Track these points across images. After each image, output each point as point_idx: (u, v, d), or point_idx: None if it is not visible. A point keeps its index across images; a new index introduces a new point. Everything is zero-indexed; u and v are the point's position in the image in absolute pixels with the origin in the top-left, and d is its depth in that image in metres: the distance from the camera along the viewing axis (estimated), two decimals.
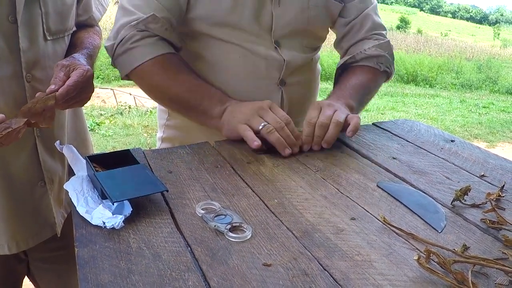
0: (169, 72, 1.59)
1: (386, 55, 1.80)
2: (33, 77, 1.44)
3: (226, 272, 0.91)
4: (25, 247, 1.58)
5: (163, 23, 1.59)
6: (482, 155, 1.54)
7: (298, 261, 0.94)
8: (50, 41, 1.50)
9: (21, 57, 1.41)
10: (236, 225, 1.04)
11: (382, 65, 1.79)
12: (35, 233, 1.59)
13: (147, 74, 1.60)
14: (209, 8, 1.61)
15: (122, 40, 1.59)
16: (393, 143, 1.60)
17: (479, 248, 1.02)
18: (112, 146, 6.84)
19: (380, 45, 1.78)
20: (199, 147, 1.49)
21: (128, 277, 0.88)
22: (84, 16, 1.69)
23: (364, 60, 1.78)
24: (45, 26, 1.47)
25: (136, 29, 1.58)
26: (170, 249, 0.97)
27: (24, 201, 1.54)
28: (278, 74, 1.70)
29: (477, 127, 9.74)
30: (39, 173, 1.56)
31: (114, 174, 1.18)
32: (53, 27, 1.50)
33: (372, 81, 1.79)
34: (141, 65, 1.58)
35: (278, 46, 1.69)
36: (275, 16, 1.66)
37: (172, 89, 1.60)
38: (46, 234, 1.63)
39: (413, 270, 0.93)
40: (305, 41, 1.78)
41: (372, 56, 1.77)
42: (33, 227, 1.58)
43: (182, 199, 1.17)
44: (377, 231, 1.06)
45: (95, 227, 1.04)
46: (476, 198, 1.24)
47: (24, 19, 1.39)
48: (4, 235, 1.52)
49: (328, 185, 1.28)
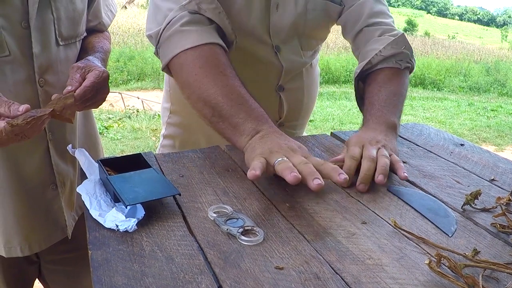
0: (212, 69, 1.41)
1: (404, 51, 1.65)
2: (46, 82, 1.46)
3: (239, 275, 0.91)
4: (38, 249, 1.59)
5: (218, 5, 1.47)
6: (492, 159, 1.54)
7: (310, 265, 0.95)
8: (62, 46, 1.52)
9: (34, 62, 1.42)
10: (248, 228, 1.05)
11: (402, 63, 1.64)
12: (46, 235, 1.61)
13: (188, 65, 1.43)
14: (224, 6, 1.52)
15: (170, 23, 1.46)
16: (403, 147, 1.61)
17: (490, 252, 1.03)
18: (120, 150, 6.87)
19: (395, 42, 1.64)
20: (211, 151, 1.50)
21: (141, 280, 0.89)
22: (94, 22, 1.71)
23: (382, 62, 1.63)
24: (57, 32, 1.49)
25: (187, 10, 1.46)
26: (183, 252, 0.98)
27: (36, 204, 1.56)
28: (276, 80, 1.71)
29: (486, 130, 9.72)
30: (51, 176, 1.57)
31: (127, 178, 1.19)
32: (65, 33, 1.52)
33: (399, 83, 1.63)
34: (184, 52, 1.43)
35: (278, 51, 1.69)
36: (272, 21, 1.65)
37: (209, 89, 1.39)
38: (57, 237, 1.65)
39: (424, 274, 0.94)
40: (304, 43, 1.76)
41: (390, 56, 1.63)
42: (44, 229, 1.60)
43: (194, 203, 1.18)
44: (388, 235, 1.07)
45: (108, 230, 1.05)
46: (486, 202, 1.24)
47: (36, 24, 1.41)
48: (17, 237, 1.53)
49: (339, 189, 1.28)
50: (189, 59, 1.42)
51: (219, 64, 1.42)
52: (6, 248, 1.54)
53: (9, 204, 1.50)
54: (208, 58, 1.42)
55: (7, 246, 1.53)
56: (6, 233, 1.52)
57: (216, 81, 1.39)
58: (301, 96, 1.81)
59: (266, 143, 1.28)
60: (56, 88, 1.48)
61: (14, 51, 1.38)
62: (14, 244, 1.54)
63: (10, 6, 1.35)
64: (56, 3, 1.46)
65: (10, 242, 1.53)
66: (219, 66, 1.42)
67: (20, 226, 1.53)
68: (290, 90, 1.75)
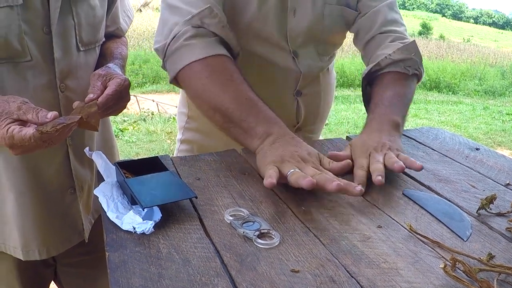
0: (219, 77, 1.45)
1: (413, 57, 1.67)
2: (67, 87, 1.47)
3: (255, 277, 0.92)
4: (55, 253, 1.61)
5: (221, 20, 1.49)
6: (508, 164, 1.54)
7: (326, 268, 0.96)
8: (82, 51, 1.53)
9: (55, 67, 1.44)
10: (264, 231, 1.06)
11: (410, 69, 1.66)
12: (64, 239, 1.62)
13: (195, 76, 1.46)
14: (236, 13, 1.60)
15: (175, 37, 1.48)
16: (418, 151, 1.61)
17: (504, 257, 1.03)
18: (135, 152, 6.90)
19: (405, 47, 1.66)
20: (227, 154, 1.51)
21: (159, 282, 0.90)
22: (112, 27, 1.73)
23: (390, 66, 1.65)
24: (78, 37, 1.50)
25: (191, 25, 1.48)
26: (199, 254, 0.99)
27: (54, 208, 1.57)
28: (294, 85, 1.72)
29: (501, 134, 9.66)
30: (69, 181, 1.58)
31: (144, 180, 1.20)
32: (85, 38, 1.53)
33: (406, 87, 1.65)
34: (191, 64, 1.46)
35: (296, 57, 1.70)
36: (291, 26, 1.66)
37: (218, 96, 1.42)
38: (74, 240, 1.66)
39: (439, 278, 0.94)
40: (321, 49, 1.77)
41: (398, 61, 1.64)
42: (62, 233, 1.61)
43: (211, 206, 1.19)
44: (403, 239, 1.07)
45: (125, 232, 1.06)
46: (501, 206, 1.24)
47: (58, 30, 1.42)
48: (35, 241, 1.54)
49: None
50: (196, 71, 1.45)
51: (225, 72, 1.45)
52: (24, 252, 1.55)
53: (28, 208, 1.51)
54: (214, 67, 1.45)
55: (25, 250, 1.55)
56: (25, 237, 1.53)
57: (223, 88, 1.42)
58: (318, 101, 1.82)
59: (277, 149, 1.30)
60: (76, 93, 1.49)
61: (35, 56, 1.40)
62: (32, 248, 1.55)
63: (32, 11, 1.37)
64: (77, 9, 1.48)
65: (28, 245, 1.55)
66: (226, 74, 1.44)
67: (38, 229, 1.54)
68: (308, 95, 1.76)
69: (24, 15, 1.35)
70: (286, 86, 1.71)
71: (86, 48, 1.55)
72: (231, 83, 1.43)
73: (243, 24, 1.60)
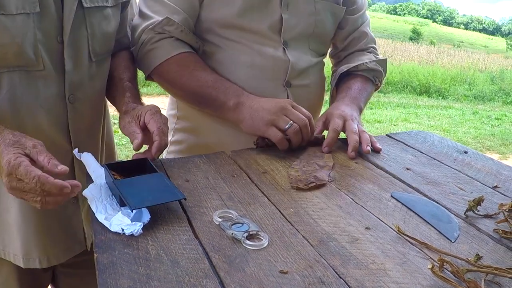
0: (187, 69, 1.67)
1: (381, 71, 1.98)
2: (76, 98, 1.46)
3: (243, 279, 0.92)
4: (56, 262, 1.59)
5: (178, 26, 1.67)
6: (495, 166, 1.55)
7: (314, 269, 0.96)
8: (94, 62, 1.53)
9: (65, 78, 1.43)
10: (253, 233, 1.06)
11: (376, 79, 1.98)
12: (66, 249, 1.61)
13: (166, 72, 1.70)
14: (220, 11, 1.69)
15: (142, 43, 1.68)
16: (407, 154, 1.62)
17: (492, 257, 1.04)
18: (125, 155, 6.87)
19: (379, 62, 1.97)
20: (216, 156, 1.52)
21: (147, 283, 0.90)
22: (120, 34, 1.71)
23: (364, 71, 1.94)
24: (91, 48, 1.50)
25: (154, 32, 1.67)
26: (188, 256, 0.99)
27: (56, 218, 1.56)
28: (284, 75, 1.75)
29: (490, 138, 9.69)
30: None
31: (132, 182, 1.20)
32: (98, 49, 1.53)
33: (369, 89, 1.95)
34: (161, 64, 1.68)
35: (286, 47, 1.75)
36: (285, 19, 1.72)
37: (189, 85, 1.67)
38: (76, 250, 1.65)
39: (427, 279, 0.95)
40: (312, 45, 1.86)
41: (371, 70, 1.94)
42: (64, 242, 1.60)
43: (200, 208, 1.19)
44: (392, 241, 1.08)
45: (114, 233, 1.06)
46: (489, 208, 1.25)
47: (70, 40, 1.42)
48: (36, 250, 1.53)
49: (343, 195, 1.29)
50: (168, 67, 1.69)
51: (191, 64, 1.69)
52: (25, 260, 1.53)
53: (31, 217, 1.50)
54: (182, 62, 1.69)
55: (25, 258, 1.53)
56: (26, 245, 1.52)
57: (191, 77, 1.67)
58: (308, 95, 1.86)
59: (261, 109, 1.57)
60: (85, 105, 1.50)
61: (48, 66, 1.39)
62: (33, 256, 1.54)
63: (48, 20, 1.36)
64: (90, 19, 1.47)
65: (29, 254, 1.53)
66: (191, 65, 1.69)
67: (40, 239, 1.53)
68: (297, 87, 1.80)
69: (39, 23, 1.34)
70: (276, 76, 1.75)
71: (98, 58, 1.54)
72: (196, 72, 1.67)
73: (231, 17, 1.69)
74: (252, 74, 1.72)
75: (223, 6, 1.68)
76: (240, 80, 1.70)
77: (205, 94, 1.65)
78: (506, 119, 12.12)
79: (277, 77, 1.75)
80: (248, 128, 1.59)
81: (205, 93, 1.65)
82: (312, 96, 1.90)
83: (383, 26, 74.94)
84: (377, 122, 10.11)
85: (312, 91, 1.89)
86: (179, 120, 1.90)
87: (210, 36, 1.74)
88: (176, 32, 1.67)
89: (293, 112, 1.56)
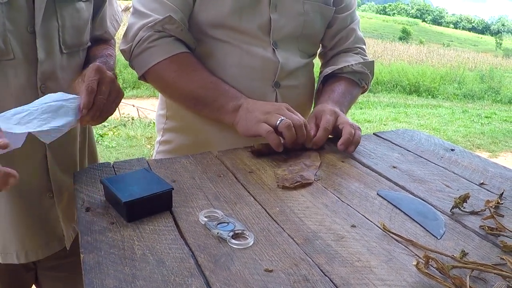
0: (185, 70, 1.66)
1: (368, 73, 1.95)
2: (47, 88, 1.45)
3: (229, 277, 0.92)
4: (34, 258, 1.57)
5: (179, 25, 1.66)
6: (482, 164, 1.56)
7: (299, 267, 0.96)
8: (65, 54, 1.51)
9: (37, 68, 1.42)
10: (239, 232, 1.06)
11: (362, 82, 1.95)
12: (44, 245, 1.59)
13: (164, 72, 1.67)
14: (211, 11, 1.69)
15: (140, 41, 1.67)
16: (393, 152, 1.62)
17: (478, 254, 1.04)
18: (115, 157, 6.86)
19: (365, 64, 1.93)
20: (202, 156, 1.51)
21: (132, 283, 0.90)
22: (99, 31, 1.70)
23: (349, 73, 1.91)
24: (62, 39, 1.48)
25: (154, 30, 1.65)
26: (173, 255, 0.99)
27: (32, 211, 1.54)
28: (273, 76, 1.75)
29: (480, 137, 9.73)
30: (47, 184, 1.55)
31: (121, 178, 1.23)
32: (69, 41, 1.51)
33: (354, 92, 1.92)
34: (158, 64, 1.66)
35: (276, 48, 1.75)
36: (273, 20, 1.72)
37: (188, 86, 1.66)
38: (54, 247, 1.63)
39: (412, 276, 0.95)
40: (301, 46, 1.85)
41: (357, 72, 1.91)
42: (41, 238, 1.59)
43: (186, 207, 1.19)
44: (377, 238, 1.08)
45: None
46: (475, 205, 1.25)
47: (41, 30, 1.41)
48: (13, 244, 1.52)
49: (329, 194, 1.30)
50: (165, 67, 1.67)
51: (189, 65, 1.68)
52: (3, 254, 1.53)
53: (5, 210, 1.49)
54: (180, 63, 1.67)
55: (3, 252, 1.53)
56: (3, 239, 1.52)
57: (191, 78, 1.66)
58: (297, 96, 1.86)
59: (256, 111, 1.57)
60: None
61: (18, 55, 1.38)
62: (10, 251, 1.53)
63: (17, 9, 1.35)
64: (62, 11, 1.46)
65: (6, 248, 1.53)
66: (190, 66, 1.68)
67: (15, 232, 1.52)
68: (287, 88, 1.80)
69: (8, 13, 1.34)
70: (265, 76, 1.75)
71: (69, 50, 1.53)
72: (196, 72, 1.67)
73: (220, 18, 1.69)
74: (240, 73, 1.72)
75: (214, 6, 1.68)
76: (229, 79, 1.70)
77: (205, 96, 1.65)
78: (496, 117, 12.19)
79: (266, 77, 1.75)
80: (242, 128, 1.58)
81: (205, 95, 1.65)
82: (301, 97, 1.89)
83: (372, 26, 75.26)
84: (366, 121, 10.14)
85: (301, 92, 1.89)
86: (168, 120, 1.90)
87: (200, 35, 1.74)
88: (176, 31, 1.67)
89: (288, 113, 1.55)
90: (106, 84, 1.36)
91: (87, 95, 1.31)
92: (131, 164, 1.43)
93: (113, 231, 1.08)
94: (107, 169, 1.40)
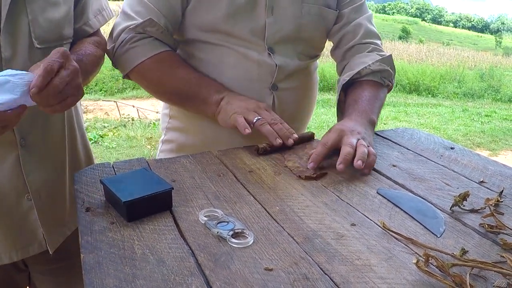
0: (168, 67, 1.71)
1: (389, 69, 1.81)
2: None
3: (229, 276, 0.92)
4: (16, 259, 1.55)
5: (159, 27, 1.69)
6: (482, 162, 1.55)
7: (299, 266, 0.96)
8: (40, 49, 1.45)
9: (2, 67, 1.36)
10: (238, 231, 1.06)
11: (385, 80, 1.81)
12: (23, 246, 1.56)
13: (147, 71, 1.71)
14: (205, 16, 1.69)
15: (122, 42, 1.70)
16: (393, 151, 1.62)
17: (478, 252, 1.04)
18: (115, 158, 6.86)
19: (383, 60, 1.79)
20: (202, 156, 1.52)
21: (133, 282, 0.90)
22: (79, 22, 1.63)
23: (369, 75, 1.78)
24: (34, 34, 1.43)
25: (135, 32, 1.69)
26: (173, 254, 0.99)
27: (9, 214, 1.51)
28: (270, 79, 1.74)
29: (480, 135, 9.73)
30: (23, 186, 1.51)
31: (120, 178, 1.23)
32: (44, 35, 1.46)
33: (380, 93, 1.79)
34: (141, 63, 1.69)
35: (272, 52, 1.73)
36: (268, 24, 1.70)
37: (171, 83, 1.72)
38: (33, 250, 1.59)
39: (412, 274, 0.95)
40: (300, 48, 1.82)
41: (376, 71, 1.78)
42: (19, 240, 1.55)
43: (186, 207, 1.19)
44: (377, 237, 1.08)
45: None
46: (475, 203, 1.25)
47: (7, 28, 1.36)
48: None
49: (329, 192, 1.30)
50: (149, 66, 1.70)
51: (172, 63, 1.73)
52: None
53: None
54: (163, 61, 1.71)
55: None
56: None
57: (174, 75, 1.71)
58: (296, 98, 1.84)
59: (236, 104, 1.62)
60: None
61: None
62: None
63: None
64: (31, 5, 1.41)
65: None
66: (173, 64, 1.73)
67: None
68: (284, 90, 1.78)
69: None
70: (262, 79, 1.74)
71: (45, 45, 1.46)
72: (179, 69, 1.71)
73: (216, 22, 1.68)
74: (237, 76, 1.73)
75: (208, 11, 1.68)
76: (224, 82, 1.71)
77: (188, 91, 1.69)
78: (496, 116, 12.18)
79: (263, 79, 1.74)
80: (221, 119, 1.64)
81: (189, 90, 1.69)
82: (300, 98, 1.88)
83: None
84: None
85: (300, 93, 1.87)
86: (171, 119, 1.91)
87: (194, 40, 1.75)
88: (157, 33, 1.70)
89: (266, 112, 1.61)
90: (69, 71, 1.23)
91: (42, 74, 1.17)
92: (131, 164, 1.43)
93: (113, 231, 1.08)
94: (107, 169, 1.40)
